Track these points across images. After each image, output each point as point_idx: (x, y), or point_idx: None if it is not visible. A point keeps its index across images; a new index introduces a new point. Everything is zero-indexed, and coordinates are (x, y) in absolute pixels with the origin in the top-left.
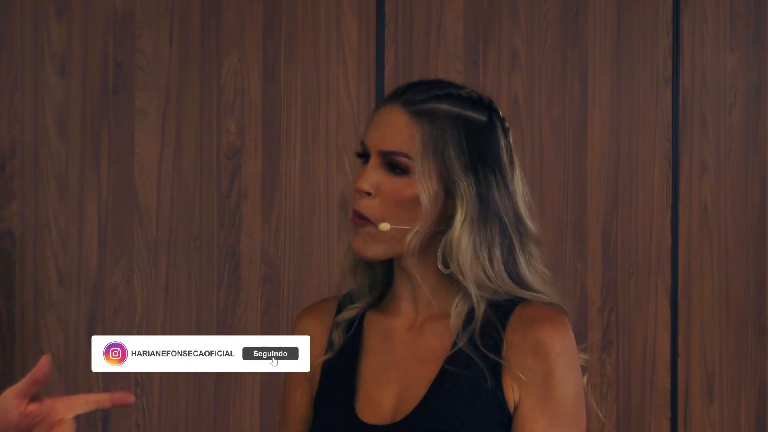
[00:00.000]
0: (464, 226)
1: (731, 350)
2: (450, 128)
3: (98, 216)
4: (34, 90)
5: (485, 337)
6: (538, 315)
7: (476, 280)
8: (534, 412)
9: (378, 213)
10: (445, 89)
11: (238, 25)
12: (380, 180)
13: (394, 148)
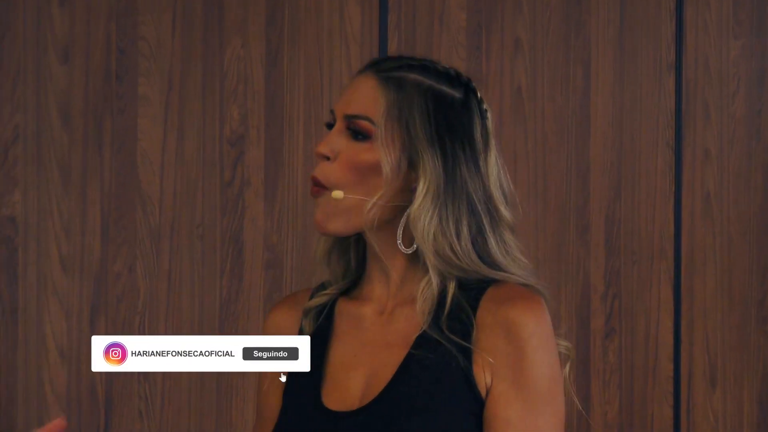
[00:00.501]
0: (426, 199)
1: (734, 338)
2: (418, 97)
3: (101, 203)
4: (36, 77)
5: (454, 320)
6: (510, 294)
7: (443, 256)
8: (507, 395)
9: (334, 178)
10: (421, 61)
11: (241, 12)
12: (341, 145)
13: (357, 111)
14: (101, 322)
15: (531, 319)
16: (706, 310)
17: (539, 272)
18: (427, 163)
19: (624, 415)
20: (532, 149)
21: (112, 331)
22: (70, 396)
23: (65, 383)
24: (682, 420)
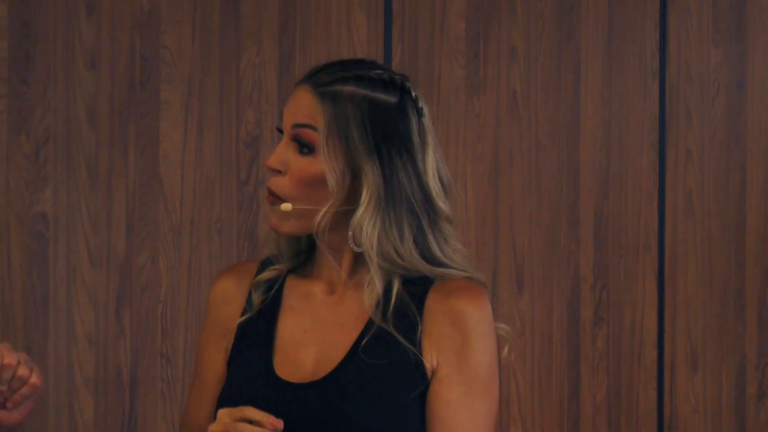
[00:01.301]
0: (368, 207)
1: (713, 326)
2: (353, 110)
3: (126, 200)
4: (66, 83)
5: (400, 314)
6: (457, 286)
7: (387, 258)
8: (450, 378)
9: (286, 191)
10: (354, 71)
11: (256, 22)
12: (289, 158)
13: (302, 120)
14: (126, 311)
15: (476, 309)
16: (688, 300)
17: (533, 265)
18: (368, 174)
19: (611, 397)
20: (526, 150)
21: (136, 319)
22: (97, 379)
23: (93, 367)
24: (665, 402)
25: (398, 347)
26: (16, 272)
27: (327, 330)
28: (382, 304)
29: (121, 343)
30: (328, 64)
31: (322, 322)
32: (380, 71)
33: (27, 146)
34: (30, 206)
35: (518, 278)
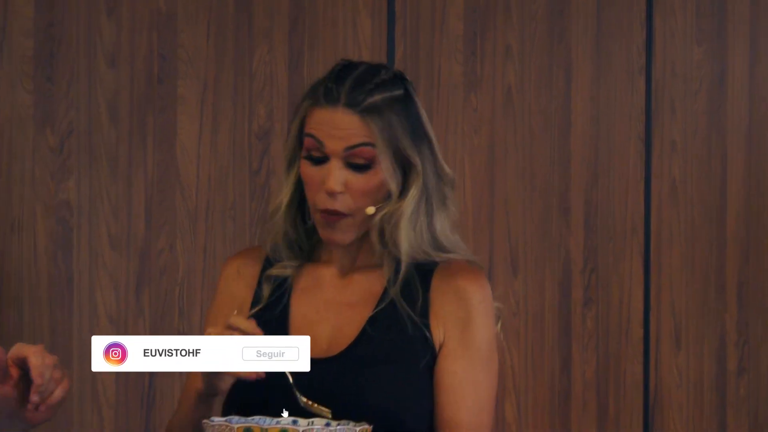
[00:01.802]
0: (416, 201)
1: (696, 305)
2: (392, 116)
3: (145, 189)
4: (88, 79)
5: (410, 292)
6: (460, 268)
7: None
8: (455, 352)
9: (352, 207)
10: (372, 80)
11: (267, 22)
12: (346, 178)
13: (357, 141)
14: (145, 292)
15: (478, 289)
16: (672, 281)
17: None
18: (416, 169)
19: (600, 372)
20: (520, 142)
21: (154, 300)
22: None
23: None
24: (650, 376)
25: (408, 323)
26: (42, 256)
27: (339, 310)
28: (393, 284)
29: (141, 322)
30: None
31: (334, 302)
32: (386, 71)
33: (52, 139)
34: (55, 195)
35: (513, 261)
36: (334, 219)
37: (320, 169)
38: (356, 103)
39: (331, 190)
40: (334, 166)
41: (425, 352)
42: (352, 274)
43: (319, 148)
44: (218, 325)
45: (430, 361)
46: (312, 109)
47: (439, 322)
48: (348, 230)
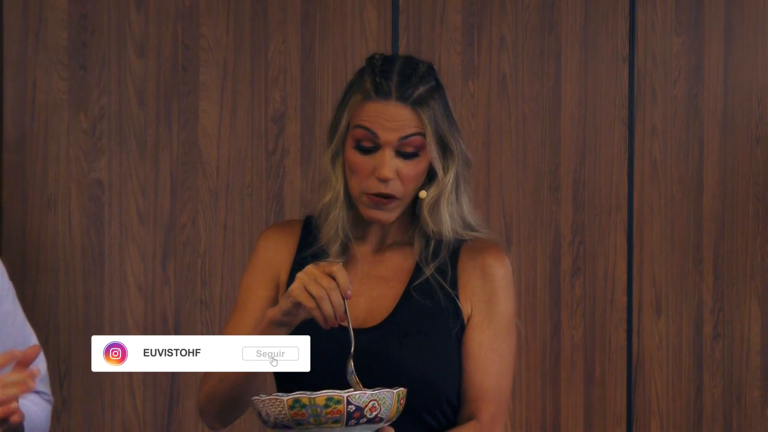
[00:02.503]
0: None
1: (675, 276)
2: (435, 105)
3: (170, 168)
4: (118, 67)
5: (442, 263)
6: (486, 246)
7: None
8: (481, 324)
9: (401, 190)
10: (416, 72)
11: (281, 15)
12: (397, 165)
13: (409, 131)
14: (171, 263)
15: (502, 266)
16: (653, 253)
17: (519, 223)
18: (455, 152)
19: (587, 337)
20: (514, 125)
21: (179, 270)
22: (146, 322)
23: (142, 312)
24: (633, 341)
25: (440, 296)
26: (76, 231)
27: (374, 283)
28: (426, 259)
29: (166, 291)
30: (389, 74)
31: (369, 276)
32: (421, 63)
33: (85, 122)
34: (88, 174)
35: (507, 235)
36: (385, 202)
37: (371, 158)
38: (406, 96)
39: (385, 177)
40: (387, 154)
41: (455, 322)
42: (384, 251)
43: (372, 138)
44: (308, 272)
45: (459, 331)
46: (364, 103)
47: (467, 296)
48: (394, 211)
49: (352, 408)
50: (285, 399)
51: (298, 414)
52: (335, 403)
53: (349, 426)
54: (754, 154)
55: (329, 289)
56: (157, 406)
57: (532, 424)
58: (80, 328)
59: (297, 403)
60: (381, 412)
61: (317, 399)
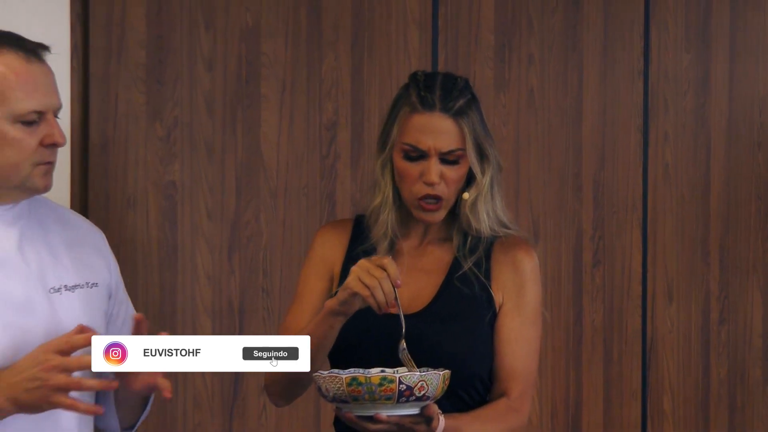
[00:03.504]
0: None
1: (685, 267)
2: (474, 116)
3: (235, 171)
4: (189, 82)
5: (478, 257)
6: (516, 242)
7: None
8: (512, 312)
9: (446, 192)
10: (458, 87)
11: (334, 35)
12: (442, 171)
13: (452, 146)
14: (236, 256)
15: (531, 260)
16: (665, 247)
17: (546, 220)
18: (490, 158)
19: (606, 322)
20: (541, 133)
21: (243, 262)
22: (214, 308)
23: (210, 299)
24: (647, 325)
25: (475, 286)
26: (152, 226)
27: (417, 275)
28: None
29: (232, 281)
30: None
31: (413, 268)
32: (459, 79)
33: (160, 130)
34: (163, 176)
35: (535, 231)
36: (434, 207)
37: (417, 164)
38: (449, 108)
39: (432, 182)
40: (433, 162)
41: (488, 310)
42: (426, 246)
43: (419, 149)
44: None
45: (491, 317)
46: (411, 115)
47: (499, 287)
48: (442, 212)
49: (404, 387)
50: (343, 377)
51: (354, 391)
52: (389, 382)
53: (400, 403)
54: (756, 158)
55: (381, 279)
56: (224, 382)
57: (557, 399)
58: (156, 314)
59: (354, 381)
60: (428, 392)
61: (373, 378)
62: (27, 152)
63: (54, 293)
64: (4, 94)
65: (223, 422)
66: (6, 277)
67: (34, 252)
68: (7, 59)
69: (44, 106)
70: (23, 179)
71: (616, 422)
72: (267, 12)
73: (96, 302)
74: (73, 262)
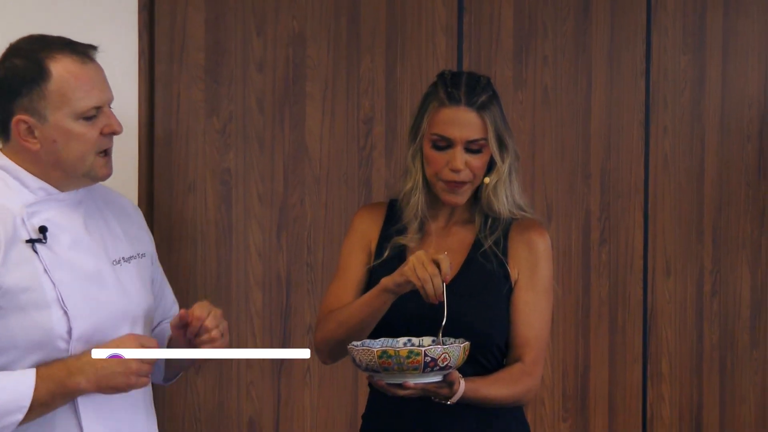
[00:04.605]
0: (507, 173)
1: (681, 245)
2: (495, 110)
3: (283, 160)
4: (243, 81)
5: (497, 237)
6: (531, 224)
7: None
8: (526, 286)
9: (470, 177)
10: (480, 84)
11: (371, 40)
12: (466, 158)
13: (476, 136)
14: (283, 234)
15: (543, 241)
16: (664, 227)
17: (558, 203)
18: (509, 147)
19: (611, 294)
20: (554, 126)
21: (290, 240)
22: (264, 281)
23: (261, 273)
24: (648, 297)
25: (494, 263)
26: (210, 209)
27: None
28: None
29: (280, 257)
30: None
31: (439, 247)
32: (481, 77)
33: (217, 124)
34: (219, 164)
35: (548, 213)
36: (459, 187)
37: (444, 153)
38: (473, 102)
39: (457, 169)
40: (458, 151)
41: (505, 284)
42: (451, 227)
43: (446, 140)
44: (422, 255)
45: (508, 291)
46: (439, 109)
47: (515, 264)
48: (465, 194)
49: (428, 359)
50: (375, 350)
51: (385, 362)
52: (415, 355)
53: (425, 372)
54: (746, 150)
55: (432, 275)
56: (273, 344)
57: (568, 362)
58: (212, 287)
59: (384, 354)
60: (450, 362)
61: (401, 351)
62: (90, 143)
63: (116, 265)
64: (66, 95)
65: (273, 380)
66: (80, 253)
67: (97, 230)
68: (64, 63)
69: (101, 101)
70: (88, 169)
71: (620, 383)
72: (311, 20)
73: (145, 270)
74: (126, 236)
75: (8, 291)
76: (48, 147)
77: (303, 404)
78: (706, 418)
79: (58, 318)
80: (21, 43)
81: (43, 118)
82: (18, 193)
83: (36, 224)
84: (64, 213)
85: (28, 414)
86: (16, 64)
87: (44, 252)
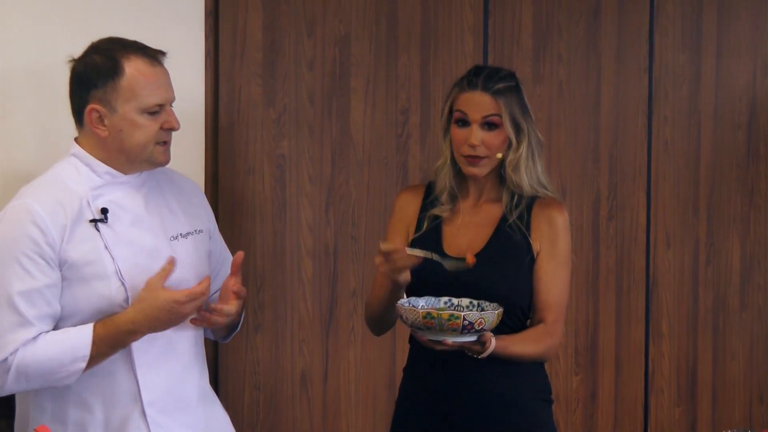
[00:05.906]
0: (527, 151)
1: (679, 221)
2: (512, 97)
3: (331, 146)
4: (295, 77)
5: (521, 213)
6: (552, 202)
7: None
8: (547, 258)
9: (486, 152)
10: (500, 74)
11: (407, 40)
12: (482, 135)
13: (491, 112)
14: (331, 211)
15: (562, 217)
16: (665, 205)
17: (571, 184)
18: (526, 129)
19: (617, 263)
20: (568, 117)
21: (337, 216)
22: (314, 252)
23: (311, 245)
24: (650, 266)
25: (518, 236)
26: (267, 189)
27: (473, 228)
28: (511, 210)
29: (329, 230)
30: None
31: (470, 223)
32: (504, 70)
33: (273, 115)
34: (275, 150)
35: (563, 192)
36: (476, 161)
37: (465, 130)
38: (488, 87)
39: (473, 144)
40: (475, 128)
41: (527, 255)
42: (480, 205)
43: (464, 118)
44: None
45: (530, 261)
46: (460, 93)
47: (537, 237)
48: (484, 167)
49: (467, 322)
50: (420, 311)
51: (428, 322)
52: (455, 319)
53: (463, 333)
54: (737, 136)
55: (379, 264)
56: (322, 308)
57: (579, 322)
58: (269, 256)
59: (428, 315)
60: (485, 326)
61: (443, 314)
62: (151, 135)
63: (173, 240)
64: (135, 91)
65: (322, 339)
66: (140, 230)
67: (157, 209)
68: (137, 64)
69: (164, 99)
70: (148, 156)
71: (625, 340)
72: (355, 23)
73: (201, 245)
74: (184, 215)
75: (73, 264)
76: (115, 135)
77: (348, 359)
78: (700, 372)
79: (116, 288)
80: (101, 43)
81: (113, 109)
82: (86, 178)
83: (99, 206)
84: (127, 194)
85: (90, 362)
86: (95, 60)
87: (105, 230)
